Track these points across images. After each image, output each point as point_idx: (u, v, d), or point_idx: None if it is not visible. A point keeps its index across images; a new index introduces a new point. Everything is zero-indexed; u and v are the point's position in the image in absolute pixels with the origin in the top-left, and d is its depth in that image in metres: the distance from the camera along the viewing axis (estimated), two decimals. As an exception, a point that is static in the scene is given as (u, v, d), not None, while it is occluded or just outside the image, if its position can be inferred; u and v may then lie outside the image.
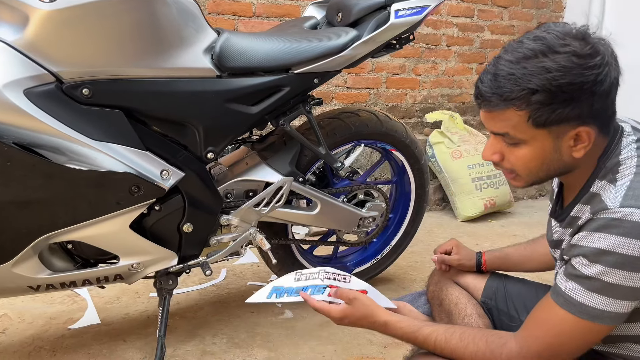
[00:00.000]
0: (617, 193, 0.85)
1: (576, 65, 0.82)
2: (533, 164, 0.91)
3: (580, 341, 0.90)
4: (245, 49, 1.46)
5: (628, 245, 0.82)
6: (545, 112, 0.84)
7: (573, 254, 0.90)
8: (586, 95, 0.83)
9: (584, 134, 0.86)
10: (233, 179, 1.61)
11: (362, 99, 3.29)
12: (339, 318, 1.05)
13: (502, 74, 0.85)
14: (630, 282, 0.84)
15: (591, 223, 0.87)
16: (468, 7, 3.58)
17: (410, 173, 1.98)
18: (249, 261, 2.29)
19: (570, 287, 0.88)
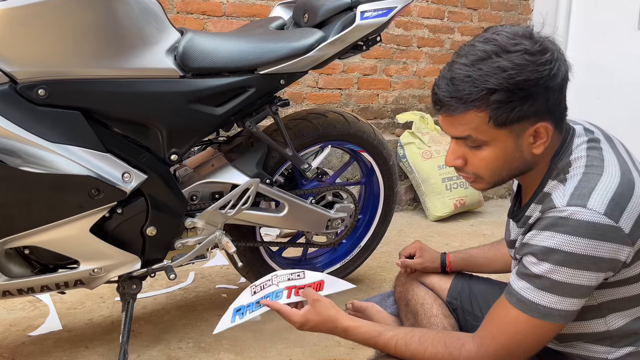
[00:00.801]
0: (565, 192, 0.87)
1: (529, 63, 0.84)
2: (496, 164, 0.92)
3: (534, 340, 0.91)
4: (209, 50, 1.44)
5: (574, 243, 0.83)
6: (505, 111, 0.85)
7: (523, 253, 0.91)
8: (542, 90, 0.85)
9: (542, 129, 0.88)
10: (198, 181, 1.58)
11: (333, 100, 3.29)
12: (300, 322, 1.05)
13: (458, 77, 0.86)
14: (577, 279, 0.85)
15: (540, 222, 0.89)
16: (438, 8, 3.62)
17: (379, 174, 1.98)
18: (218, 264, 2.27)
19: (521, 286, 0.90)
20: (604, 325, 0.96)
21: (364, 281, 2.13)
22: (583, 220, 0.83)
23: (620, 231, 0.83)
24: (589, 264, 0.84)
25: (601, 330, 0.96)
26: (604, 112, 3.39)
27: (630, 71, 3.30)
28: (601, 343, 0.97)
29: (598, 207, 0.83)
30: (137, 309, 1.84)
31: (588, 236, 0.83)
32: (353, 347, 1.62)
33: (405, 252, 1.42)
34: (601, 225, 0.83)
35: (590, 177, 0.87)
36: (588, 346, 0.99)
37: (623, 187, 0.86)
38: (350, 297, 1.93)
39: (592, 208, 0.83)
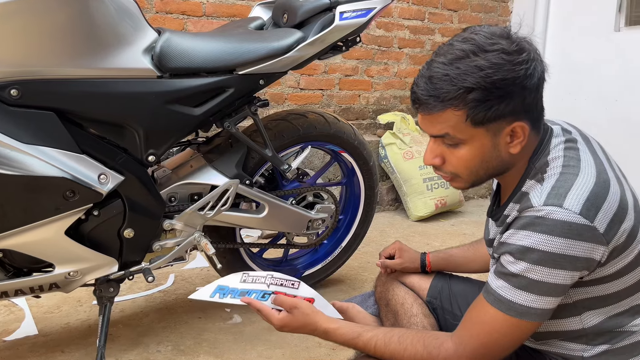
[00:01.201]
0: (542, 192, 0.88)
1: (506, 62, 0.85)
2: (473, 163, 0.93)
3: (511, 338, 0.92)
4: (187, 50, 1.42)
5: (550, 242, 0.84)
6: (482, 110, 0.86)
7: (501, 252, 0.92)
8: (518, 89, 0.86)
9: (519, 128, 0.89)
10: (177, 182, 1.57)
11: (315, 100, 3.29)
12: (279, 326, 1.06)
13: (437, 76, 0.87)
14: (553, 278, 0.86)
15: (517, 221, 0.90)
16: (419, 10, 3.64)
17: (359, 174, 1.99)
18: (198, 266, 2.25)
19: (498, 285, 0.91)
20: (579, 323, 0.97)
21: (345, 281, 2.13)
22: (559, 220, 0.84)
23: (595, 231, 0.85)
24: (564, 263, 0.85)
25: (577, 328, 0.97)
26: (581, 112, 3.44)
27: (607, 72, 3.36)
28: (577, 341, 0.99)
29: (574, 206, 0.84)
30: (115, 312, 1.81)
31: (564, 235, 0.84)
32: (334, 347, 1.62)
33: (385, 253, 1.43)
34: (577, 225, 0.84)
35: (566, 177, 0.88)
36: (564, 344, 1.00)
37: (598, 187, 0.87)
38: (331, 297, 1.93)
39: (568, 208, 0.84)
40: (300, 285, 1.13)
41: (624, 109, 3.26)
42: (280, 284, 1.12)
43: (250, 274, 1.13)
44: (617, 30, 3.41)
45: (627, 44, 3.32)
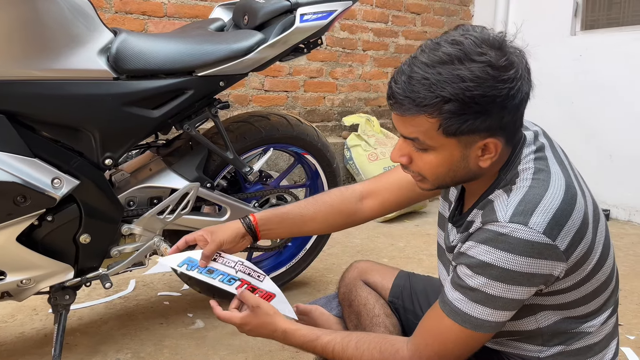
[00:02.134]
0: (509, 205, 0.86)
1: (490, 77, 0.80)
2: (440, 170, 0.91)
3: (465, 348, 0.93)
4: (144, 51, 1.40)
5: (511, 260, 0.84)
6: (456, 122, 0.83)
7: (459, 262, 0.92)
8: (497, 108, 0.82)
9: (492, 145, 0.87)
10: (136, 185, 1.53)
11: (280, 102, 3.28)
12: (240, 325, 1.05)
13: (416, 77, 0.83)
14: (510, 294, 0.87)
15: (479, 233, 0.88)
16: (382, 12, 3.68)
17: (323, 176, 1.99)
18: (160, 271, 2.20)
19: (455, 297, 0.91)
20: (534, 322, 0.98)
21: (309, 284, 2.12)
22: (522, 239, 0.83)
23: (557, 249, 0.85)
24: (523, 280, 0.85)
25: (532, 328, 0.99)
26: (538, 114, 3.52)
27: (563, 75, 3.46)
28: (532, 342, 1.00)
29: (538, 226, 0.83)
30: (73, 320, 1.76)
31: (526, 254, 0.83)
32: (297, 350, 1.61)
33: (190, 242, 1.16)
34: (539, 244, 0.83)
35: (535, 192, 0.87)
36: (520, 345, 1.01)
37: (565, 203, 0.86)
38: (295, 300, 1.92)
39: (533, 227, 0.83)
40: (265, 280, 1.13)
41: (580, 111, 3.37)
42: (248, 273, 1.12)
43: (222, 255, 1.13)
44: (573, 34, 3.53)
45: (583, 47, 3.43)
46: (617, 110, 3.26)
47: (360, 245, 2.59)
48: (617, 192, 3.20)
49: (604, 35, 3.38)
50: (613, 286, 1.01)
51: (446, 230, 1.10)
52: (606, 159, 3.25)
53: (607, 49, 3.31)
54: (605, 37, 3.36)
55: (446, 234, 1.10)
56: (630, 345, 1.72)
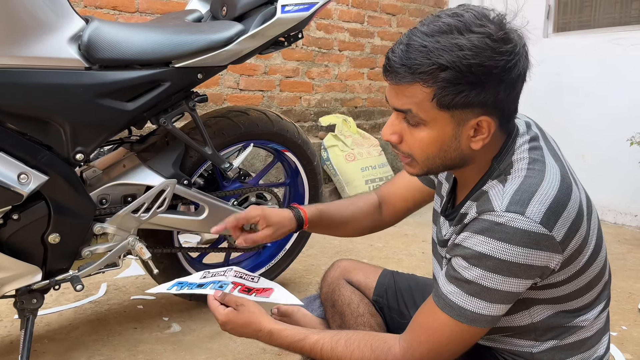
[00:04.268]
0: (505, 195, 0.84)
1: (489, 48, 0.79)
2: (431, 148, 0.87)
3: (460, 343, 0.90)
4: (118, 40, 1.33)
5: (507, 250, 0.82)
6: (450, 92, 0.80)
7: (455, 254, 0.89)
8: (494, 81, 0.80)
9: (485, 123, 0.84)
10: (109, 182, 1.46)
11: (255, 102, 3.22)
12: (222, 322, 1.00)
13: (414, 45, 0.81)
14: (507, 286, 0.84)
15: (475, 223, 0.86)
16: (358, 12, 3.66)
17: (303, 174, 1.94)
18: (133, 274, 2.12)
19: (450, 290, 0.88)
20: (528, 317, 0.96)
21: (289, 285, 2.07)
22: (519, 229, 0.81)
23: (553, 239, 0.83)
24: (519, 271, 0.83)
25: (525, 324, 0.96)
26: (514, 115, 3.57)
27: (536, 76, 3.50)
28: (525, 337, 0.98)
29: (535, 215, 0.81)
30: (41, 327, 1.66)
31: (522, 244, 0.81)
32: (279, 353, 1.56)
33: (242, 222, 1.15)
34: (535, 234, 0.81)
35: (531, 181, 0.85)
36: (513, 340, 0.99)
37: (561, 193, 0.84)
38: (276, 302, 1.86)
39: (530, 216, 0.81)
40: (260, 280, 1.11)
41: (553, 112, 3.41)
42: (240, 277, 1.10)
43: (211, 271, 1.12)
44: (546, 37, 3.58)
45: (555, 49, 3.48)
46: (589, 111, 3.32)
47: (338, 246, 2.55)
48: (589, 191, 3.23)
49: (576, 38, 3.44)
50: (606, 279, 1.00)
51: (438, 224, 1.07)
52: (579, 159, 3.30)
53: (579, 50, 3.37)
54: (577, 39, 3.42)
55: (438, 228, 1.07)
56: (613, 341, 1.72)
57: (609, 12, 3.35)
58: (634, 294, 2.04)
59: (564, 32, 3.54)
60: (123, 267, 2.17)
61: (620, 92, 3.20)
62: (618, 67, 3.20)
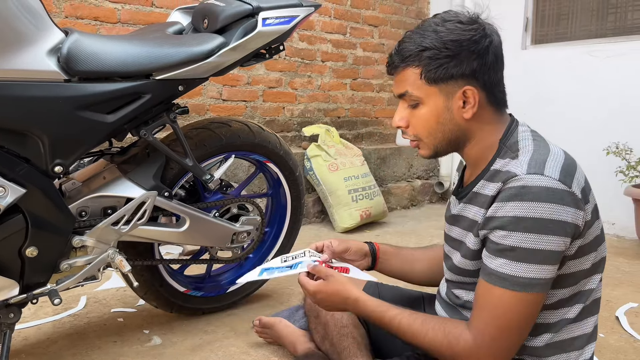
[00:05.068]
0: (522, 163, 0.95)
1: (459, 28, 0.99)
2: (430, 123, 1.03)
3: (524, 314, 0.94)
4: (98, 52, 1.32)
5: (538, 208, 0.90)
6: (434, 67, 0.99)
7: (491, 227, 0.95)
8: (465, 52, 0.98)
9: (470, 92, 0.99)
10: (88, 195, 1.45)
11: (238, 112, 3.22)
12: (313, 291, 1.10)
13: (406, 40, 1.03)
14: (547, 244, 0.91)
15: (503, 193, 0.94)
16: (341, 24, 3.70)
17: (285, 185, 1.95)
18: (114, 286, 2.10)
19: (498, 263, 0.94)
20: None
21: (272, 296, 2.07)
22: (543, 187, 0.90)
23: (574, 195, 0.92)
24: (555, 228, 0.90)
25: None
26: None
27: (515, 87, 3.56)
28: None
29: (553, 173, 0.92)
30: (18, 341, 1.63)
31: (550, 200, 0.90)
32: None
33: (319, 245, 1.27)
34: (559, 191, 0.91)
35: (541, 151, 0.97)
36: None
37: (569, 160, 0.97)
38: (258, 312, 1.86)
39: (549, 175, 0.91)
40: (333, 260, 1.22)
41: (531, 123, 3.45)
42: (318, 257, 1.19)
43: (287, 255, 1.22)
44: (524, 49, 3.65)
45: (533, 61, 3.55)
46: (566, 121, 3.38)
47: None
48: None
49: (553, 49, 3.51)
50: (600, 277, 1.05)
51: (449, 207, 1.18)
52: (558, 168, 3.36)
53: (556, 62, 3.45)
54: (554, 51, 3.50)
55: (448, 209, 1.18)
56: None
57: (585, 25, 3.43)
58: (612, 302, 2.08)
59: (541, 44, 3.61)
60: (103, 280, 2.15)
61: (596, 103, 3.27)
62: (594, 78, 3.27)
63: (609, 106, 3.22)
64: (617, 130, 3.12)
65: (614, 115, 3.20)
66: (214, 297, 1.87)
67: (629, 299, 2.12)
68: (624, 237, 3.17)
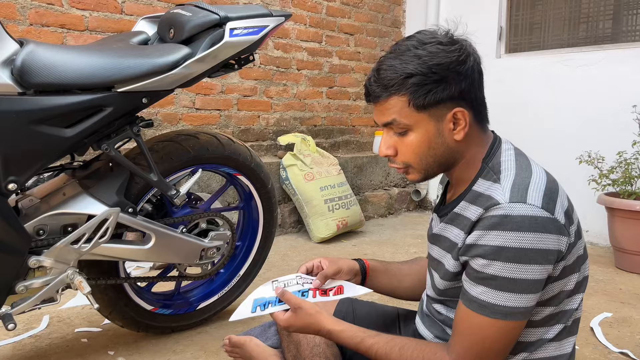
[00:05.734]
0: (504, 190, 0.92)
1: (441, 50, 0.94)
2: (421, 149, 0.99)
3: (503, 341, 0.93)
4: (55, 63, 1.27)
5: (521, 238, 0.87)
6: (422, 93, 0.94)
7: (472, 255, 0.93)
8: (453, 74, 0.94)
9: (460, 114, 0.96)
10: (47, 212, 1.38)
11: (212, 121, 3.16)
12: (284, 326, 1.07)
13: (383, 68, 0.97)
14: (529, 274, 0.89)
15: (484, 221, 0.91)
16: (316, 32, 3.67)
17: (257, 198, 1.90)
18: (79, 304, 2.02)
19: (479, 291, 0.92)
20: None
21: (244, 312, 2.01)
22: (526, 215, 0.88)
23: (557, 222, 0.90)
24: (537, 257, 0.88)
25: None
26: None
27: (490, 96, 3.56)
28: None
29: (536, 201, 0.89)
30: (-27, 366, 1.56)
31: (532, 230, 0.88)
32: (231, 386, 1.50)
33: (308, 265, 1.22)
34: (542, 219, 0.88)
35: (522, 175, 0.94)
36: None
37: (551, 183, 0.94)
38: (229, 330, 1.80)
39: (532, 202, 0.89)
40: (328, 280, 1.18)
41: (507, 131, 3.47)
42: (310, 282, 1.16)
43: (279, 280, 1.15)
44: (499, 57, 3.67)
45: (507, 70, 3.57)
46: (540, 129, 3.40)
47: (297, 268, 2.51)
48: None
49: (527, 58, 3.54)
50: (581, 297, 1.03)
51: (431, 224, 1.15)
52: (533, 176, 3.37)
53: (529, 71, 3.47)
54: (527, 60, 3.52)
55: (430, 227, 1.15)
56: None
57: (557, 34, 3.46)
58: (586, 311, 2.07)
59: (515, 53, 3.64)
60: (68, 297, 2.06)
61: (569, 112, 3.30)
62: (567, 87, 3.30)
63: (581, 115, 3.25)
64: (589, 138, 3.15)
65: (586, 124, 3.23)
66: (183, 314, 1.81)
67: (603, 308, 2.12)
68: (597, 245, 3.20)
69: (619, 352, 1.74)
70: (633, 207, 2.55)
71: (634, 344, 1.80)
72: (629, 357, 1.71)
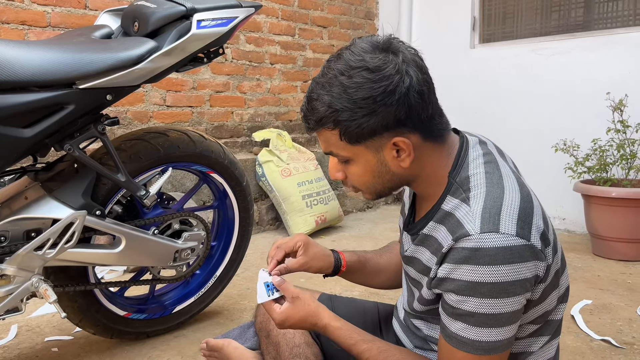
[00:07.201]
0: (474, 216, 0.84)
1: (367, 80, 0.84)
2: (365, 178, 0.93)
3: None
4: (9, 59, 1.19)
5: (496, 272, 0.81)
6: (352, 128, 0.86)
7: (445, 289, 0.87)
8: (381, 106, 0.84)
9: (401, 143, 0.87)
10: (8, 217, 1.31)
11: (184, 119, 3.08)
12: (280, 320, 1.01)
13: (313, 97, 0.89)
14: (508, 307, 0.83)
15: (455, 253, 0.84)
16: (289, 25, 3.61)
17: (232, 196, 1.84)
18: (48, 312, 1.94)
19: (458, 327, 0.86)
20: None
21: (222, 312, 1.96)
22: (500, 247, 0.81)
23: (533, 247, 0.83)
24: (514, 288, 0.82)
25: None
26: (446, 124, 3.63)
27: (465, 86, 3.58)
28: None
29: (509, 228, 0.82)
30: None
31: (507, 262, 0.81)
32: (209, 392, 1.45)
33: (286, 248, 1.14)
34: (517, 248, 0.81)
35: (494, 196, 0.86)
36: None
37: (524, 202, 0.86)
38: (207, 333, 1.75)
39: (505, 231, 0.81)
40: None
41: (482, 119, 3.49)
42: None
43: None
44: (473, 47, 3.67)
45: (481, 59, 3.57)
46: (515, 118, 3.41)
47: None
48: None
49: (500, 48, 3.54)
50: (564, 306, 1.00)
51: (402, 241, 1.08)
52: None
53: (503, 60, 3.48)
54: (501, 50, 3.52)
55: (402, 245, 1.08)
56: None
57: (530, 23, 3.47)
58: (566, 299, 2.07)
59: (489, 43, 3.64)
60: (37, 305, 1.98)
61: (543, 100, 3.32)
62: (540, 76, 3.31)
63: (556, 103, 3.26)
64: (564, 126, 3.17)
65: (561, 112, 3.25)
66: (158, 319, 1.75)
67: (583, 295, 2.13)
68: (574, 232, 3.23)
69: (600, 340, 1.74)
70: (609, 194, 2.57)
71: (615, 330, 1.81)
72: (610, 344, 1.71)
